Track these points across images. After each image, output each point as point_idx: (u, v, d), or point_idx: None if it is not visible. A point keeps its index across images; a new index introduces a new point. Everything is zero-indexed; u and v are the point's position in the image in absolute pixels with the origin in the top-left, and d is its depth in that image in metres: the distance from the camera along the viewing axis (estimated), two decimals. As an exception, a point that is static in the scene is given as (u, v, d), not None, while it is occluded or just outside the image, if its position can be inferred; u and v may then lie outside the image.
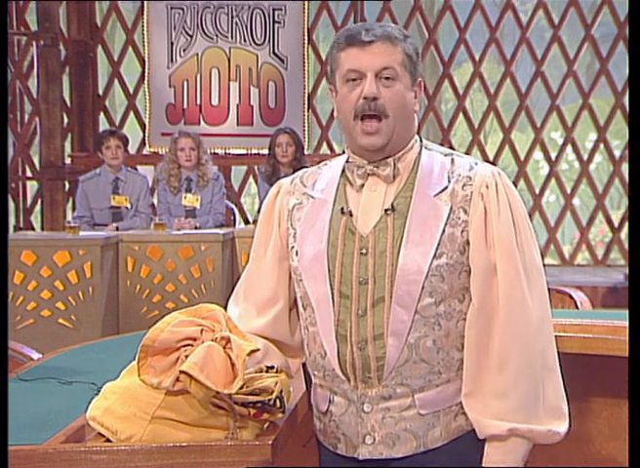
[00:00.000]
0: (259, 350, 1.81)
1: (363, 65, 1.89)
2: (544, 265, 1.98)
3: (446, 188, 1.91)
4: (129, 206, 6.44)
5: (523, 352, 1.86)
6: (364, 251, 1.90)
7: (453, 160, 1.96)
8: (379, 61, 1.88)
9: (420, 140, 2.00)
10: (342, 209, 1.94)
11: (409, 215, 1.89)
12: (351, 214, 1.93)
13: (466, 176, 1.92)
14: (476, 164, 1.96)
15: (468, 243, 1.89)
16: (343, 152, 2.06)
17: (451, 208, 1.90)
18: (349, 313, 1.89)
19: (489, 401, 1.87)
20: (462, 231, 1.89)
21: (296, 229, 1.99)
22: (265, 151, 6.74)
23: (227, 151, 8.19)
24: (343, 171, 1.99)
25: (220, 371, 1.72)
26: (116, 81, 8.61)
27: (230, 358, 1.75)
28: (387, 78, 1.89)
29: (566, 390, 1.93)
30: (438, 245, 1.87)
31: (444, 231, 1.88)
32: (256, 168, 7.75)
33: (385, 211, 1.91)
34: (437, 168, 1.95)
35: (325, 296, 1.91)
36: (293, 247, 1.99)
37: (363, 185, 1.95)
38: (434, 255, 1.87)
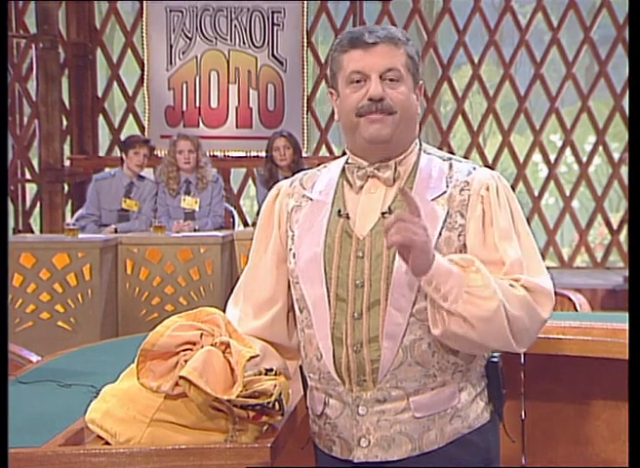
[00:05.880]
0: (258, 356, 1.81)
1: (367, 67, 1.89)
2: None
3: (444, 193, 1.91)
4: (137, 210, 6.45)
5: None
6: (360, 253, 1.89)
7: (451, 165, 1.96)
8: (383, 63, 1.89)
9: (420, 144, 2.01)
10: (340, 211, 1.94)
11: None
12: (348, 217, 1.93)
13: (464, 181, 1.92)
14: (474, 169, 1.96)
15: (465, 246, 1.89)
16: (344, 153, 2.06)
17: (448, 212, 1.89)
18: (345, 316, 1.89)
19: None
20: (459, 235, 1.89)
21: (294, 231, 1.99)
22: (264, 153, 6.73)
23: (226, 153, 8.18)
24: (343, 171, 1.99)
25: (219, 377, 1.72)
26: (115, 83, 8.60)
27: (230, 363, 1.74)
28: (392, 80, 1.89)
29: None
30: (434, 248, 1.86)
31: (440, 234, 1.88)
32: (255, 170, 7.75)
33: (383, 214, 1.90)
34: (436, 172, 1.94)
35: (321, 299, 1.91)
36: (290, 249, 1.99)
37: (362, 187, 1.95)
38: None
